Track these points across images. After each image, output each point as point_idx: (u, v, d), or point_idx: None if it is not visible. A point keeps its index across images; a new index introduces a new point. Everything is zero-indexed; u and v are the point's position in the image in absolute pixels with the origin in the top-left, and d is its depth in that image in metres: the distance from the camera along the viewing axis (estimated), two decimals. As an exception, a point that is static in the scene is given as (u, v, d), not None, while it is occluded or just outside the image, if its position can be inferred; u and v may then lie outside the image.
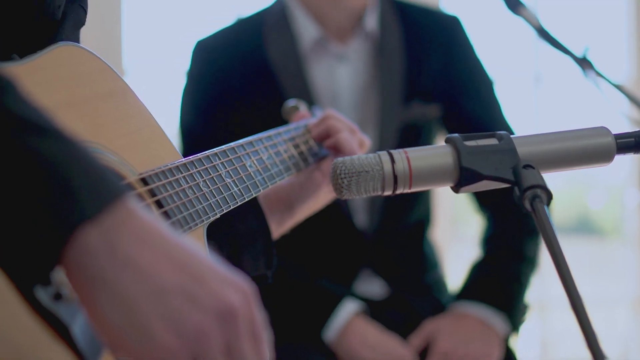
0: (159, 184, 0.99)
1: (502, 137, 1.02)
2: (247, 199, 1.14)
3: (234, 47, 2.05)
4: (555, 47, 1.72)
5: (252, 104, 2.01)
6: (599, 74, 1.68)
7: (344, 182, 1.01)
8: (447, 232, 3.44)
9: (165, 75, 3.29)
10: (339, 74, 2.05)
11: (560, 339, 3.85)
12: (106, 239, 0.72)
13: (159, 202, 0.98)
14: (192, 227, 1.01)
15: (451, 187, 1.03)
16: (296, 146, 1.31)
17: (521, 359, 2.03)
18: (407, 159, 1.01)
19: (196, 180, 1.05)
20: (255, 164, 1.19)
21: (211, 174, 1.09)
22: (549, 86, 3.73)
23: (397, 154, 1.02)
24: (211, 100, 2.03)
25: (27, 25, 0.96)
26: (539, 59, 3.71)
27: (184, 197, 1.02)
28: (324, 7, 2.04)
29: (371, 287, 2.05)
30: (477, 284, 2.04)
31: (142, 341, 0.72)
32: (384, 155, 1.02)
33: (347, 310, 1.94)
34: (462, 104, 2.10)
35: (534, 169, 0.98)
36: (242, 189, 1.14)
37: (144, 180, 0.97)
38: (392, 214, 2.05)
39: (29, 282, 0.77)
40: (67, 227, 0.70)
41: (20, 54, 0.91)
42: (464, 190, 1.02)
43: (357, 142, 1.35)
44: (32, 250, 0.70)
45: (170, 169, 1.02)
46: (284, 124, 1.36)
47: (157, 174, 0.99)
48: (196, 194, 1.04)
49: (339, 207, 1.96)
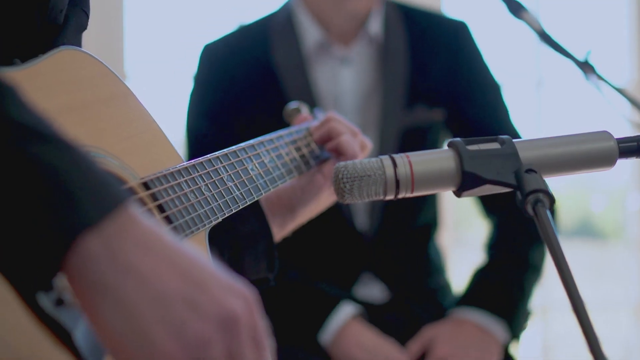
0: (160, 188, 0.98)
1: (505, 141, 1.02)
2: (249, 203, 1.14)
3: (240, 52, 2.06)
4: (557, 51, 1.71)
5: (257, 107, 2.01)
6: (601, 78, 1.68)
7: (346, 187, 1.01)
8: (450, 236, 3.43)
9: (167, 78, 3.29)
10: (342, 77, 2.05)
11: (562, 343, 3.84)
12: (108, 245, 0.72)
13: (160, 206, 0.97)
14: (194, 232, 1.01)
15: (453, 192, 1.03)
16: (298, 149, 1.31)
17: (523, 362, 2.02)
18: (410, 163, 1.01)
19: (198, 184, 1.05)
20: (257, 167, 1.19)
21: (213, 178, 1.08)
22: (551, 90, 3.72)
23: (400, 158, 1.01)
24: (218, 104, 2.04)
25: (29, 29, 0.96)
26: (541, 63, 3.71)
27: (185, 201, 1.01)
28: (327, 11, 2.04)
29: (371, 290, 2.04)
30: (478, 291, 2.02)
31: (144, 348, 0.72)
32: (386, 159, 1.01)
33: (344, 313, 1.93)
34: (466, 109, 2.09)
35: (536, 173, 0.98)
36: (243, 193, 1.14)
37: (146, 184, 0.97)
38: (394, 217, 2.04)
39: (31, 288, 0.77)
40: (69, 233, 0.70)
41: (22, 58, 0.91)
42: (466, 194, 1.02)
43: (359, 144, 1.35)
44: (34, 256, 0.70)
45: (171, 172, 1.01)
46: (287, 127, 1.36)
47: (158, 178, 0.99)
48: (198, 197, 1.04)
49: (339, 209, 1.95)
